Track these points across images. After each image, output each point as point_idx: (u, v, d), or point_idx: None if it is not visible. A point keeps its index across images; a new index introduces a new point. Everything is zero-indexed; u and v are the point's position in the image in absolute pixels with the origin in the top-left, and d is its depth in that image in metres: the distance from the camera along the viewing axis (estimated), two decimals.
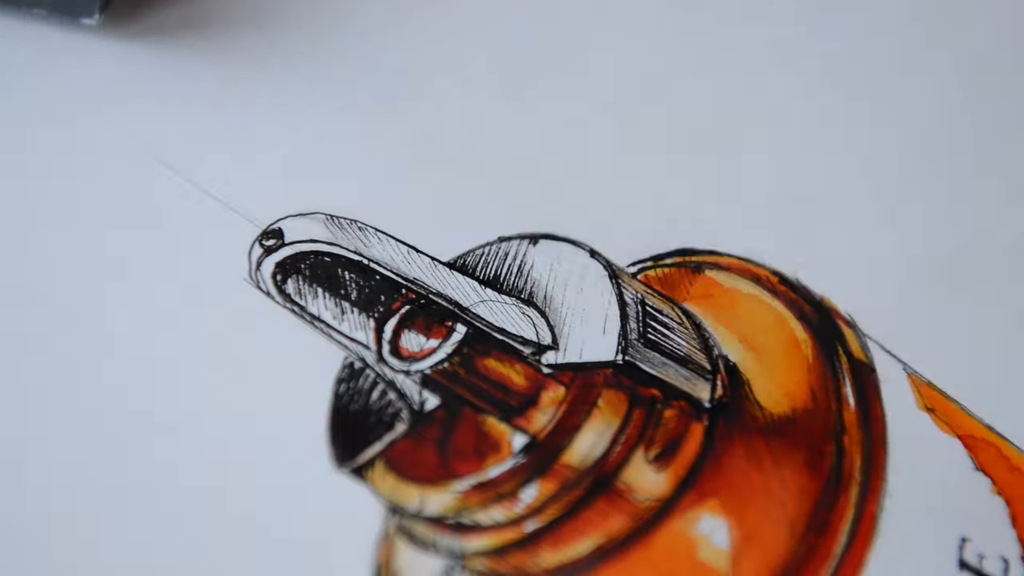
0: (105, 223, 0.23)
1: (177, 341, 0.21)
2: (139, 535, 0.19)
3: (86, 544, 0.19)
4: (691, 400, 0.21)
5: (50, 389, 0.21)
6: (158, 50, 0.25)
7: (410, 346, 0.21)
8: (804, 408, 0.21)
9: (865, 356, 0.22)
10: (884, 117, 0.26)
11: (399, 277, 0.22)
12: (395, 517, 0.20)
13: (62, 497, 0.20)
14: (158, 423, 0.20)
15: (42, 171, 0.24)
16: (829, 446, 0.21)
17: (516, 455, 0.20)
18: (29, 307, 0.22)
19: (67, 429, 0.20)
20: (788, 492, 0.20)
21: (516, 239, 0.23)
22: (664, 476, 0.20)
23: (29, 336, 0.21)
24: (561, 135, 0.25)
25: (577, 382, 0.21)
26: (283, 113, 0.25)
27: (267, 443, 0.20)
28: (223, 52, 0.25)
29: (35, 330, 0.21)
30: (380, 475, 0.20)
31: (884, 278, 0.23)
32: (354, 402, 0.21)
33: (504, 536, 0.19)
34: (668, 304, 0.23)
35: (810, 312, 0.23)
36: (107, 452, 0.20)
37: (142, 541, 0.19)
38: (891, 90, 0.27)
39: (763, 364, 0.22)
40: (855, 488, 0.20)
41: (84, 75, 0.25)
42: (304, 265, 0.22)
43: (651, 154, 0.25)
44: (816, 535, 0.20)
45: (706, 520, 0.20)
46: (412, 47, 0.26)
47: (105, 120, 0.24)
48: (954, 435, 0.21)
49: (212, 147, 0.24)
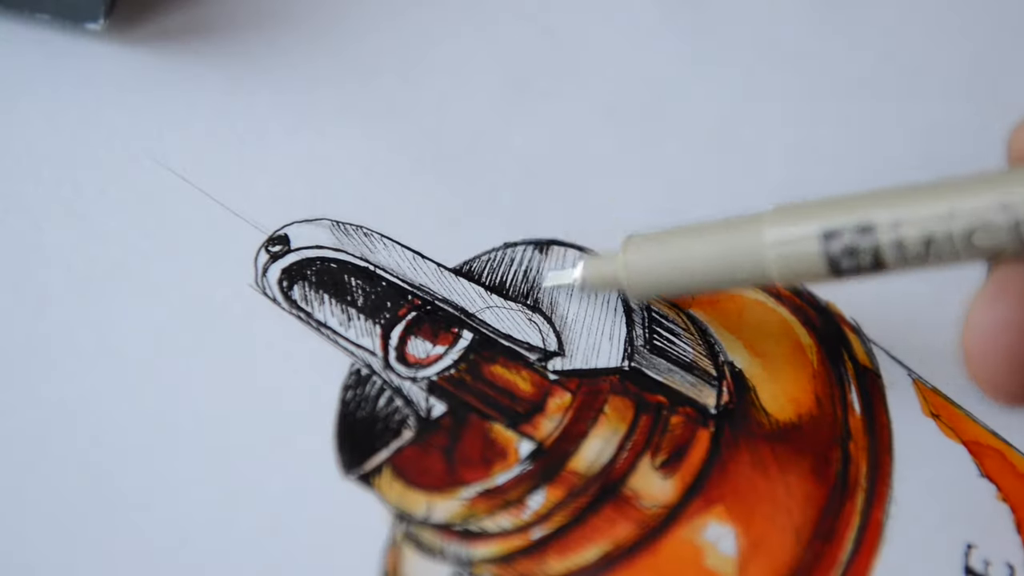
0: (109, 229, 0.23)
1: (182, 348, 0.21)
2: (142, 544, 0.19)
3: (86, 552, 0.19)
4: (697, 406, 0.21)
5: (50, 394, 0.20)
6: (163, 55, 0.25)
7: (416, 352, 0.21)
8: (810, 414, 0.21)
9: (870, 362, 0.22)
10: (889, 116, 0.26)
11: (405, 283, 0.22)
12: (402, 524, 0.19)
13: (64, 504, 0.19)
14: (162, 430, 0.20)
15: (46, 177, 0.23)
16: (835, 452, 0.21)
17: (523, 462, 0.20)
18: (33, 312, 0.21)
19: (68, 434, 0.20)
20: (794, 499, 0.20)
21: (522, 245, 0.23)
22: (670, 483, 0.20)
23: (31, 341, 0.21)
24: (567, 139, 0.25)
25: (583, 388, 0.21)
26: (289, 118, 0.25)
27: (273, 450, 0.20)
28: (228, 57, 0.25)
29: (37, 335, 0.21)
30: (387, 482, 0.20)
31: (889, 284, 0.22)
32: (361, 409, 0.21)
33: (511, 543, 0.19)
34: (674, 310, 0.22)
35: (815, 318, 0.23)
36: (108, 460, 0.20)
37: (145, 551, 0.19)
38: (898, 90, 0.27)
39: (768, 370, 0.22)
40: (861, 495, 0.20)
41: (88, 80, 0.25)
42: (310, 271, 0.22)
43: (657, 157, 0.25)
44: (822, 542, 0.20)
45: (713, 527, 0.20)
46: (416, 50, 0.26)
47: (110, 125, 0.24)
48: (959, 441, 0.21)
49: (217, 152, 0.24)
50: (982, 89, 0.27)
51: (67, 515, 0.19)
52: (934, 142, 0.26)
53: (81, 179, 0.23)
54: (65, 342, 0.21)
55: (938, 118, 0.27)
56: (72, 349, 0.21)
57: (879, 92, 0.27)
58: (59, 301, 0.22)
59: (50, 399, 0.20)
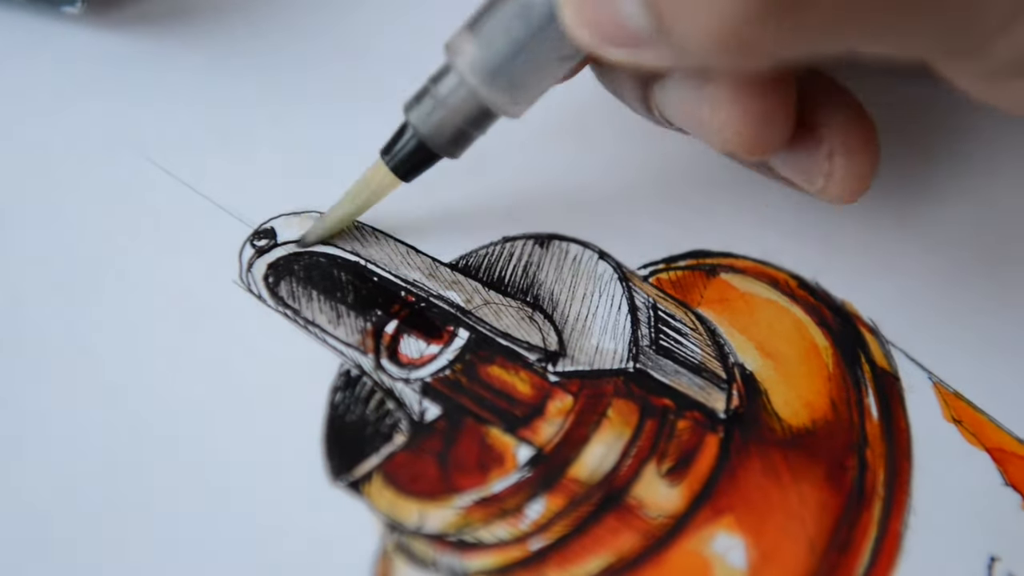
0: (86, 221, 0.22)
1: (161, 348, 0.21)
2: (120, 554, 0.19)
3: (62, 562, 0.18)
4: (705, 411, 0.21)
5: (23, 397, 0.20)
6: (143, 40, 0.25)
7: (409, 352, 0.21)
8: (824, 419, 0.21)
9: (889, 364, 0.22)
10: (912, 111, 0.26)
11: (398, 279, 0.22)
12: (393, 534, 0.19)
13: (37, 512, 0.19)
14: (140, 434, 0.20)
15: (21, 167, 0.23)
16: (851, 460, 0.20)
17: (521, 469, 0.20)
18: (5, 311, 0.21)
19: (42, 439, 0.20)
20: (807, 508, 0.20)
21: (521, 239, 0.23)
22: (677, 491, 0.20)
23: (2, 341, 0.21)
24: (568, 129, 0.25)
25: (585, 391, 0.21)
26: (274, 106, 0.25)
27: (258, 456, 0.20)
28: (211, 41, 0.25)
29: (10, 335, 0.21)
30: (377, 490, 0.19)
31: (909, 281, 0.23)
32: (350, 412, 0.20)
33: (508, 555, 0.19)
34: (681, 309, 0.22)
35: (831, 318, 0.22)
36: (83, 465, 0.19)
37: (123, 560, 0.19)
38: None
39: (781, 373, 0.21)
40: (878, 504, 0.20)
41: (65, 66, 0.25)
42: (298, 266, 0.22)
43: (663, 150, 0.25)
44: (837, 554, 0.19)
45: (721, 538, 0.19)
46: (406, 38, 0.26)
47: (86, 113, 0.24)
48: (982, 448, 0.21)
49: (200, 142, 0.24)
50: None
51: (40, 525, 0.19)
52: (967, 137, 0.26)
53: (55, 169, 0.23)
54: (38, 342, 0.21)
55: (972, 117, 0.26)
56: (45, 349, 0.21)
57: None
58: (31, 298, 0.21)
59: (23, 401, 0.20)
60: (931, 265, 0.23)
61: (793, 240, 0.23)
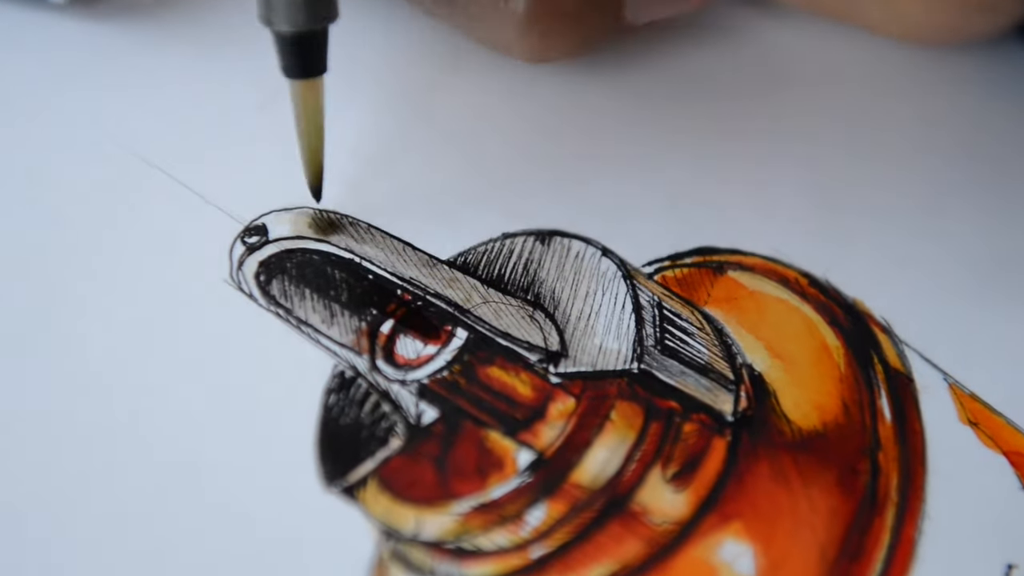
0: (71, 216, 0.22)
1: (149, 349, 0.21)
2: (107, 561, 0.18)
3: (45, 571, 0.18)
4: (712, 413, 0.21)
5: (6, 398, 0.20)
6: (131, 31, 0.25)
7: (406, 353, 0.21)
8: (835, 422, 0.21)
9: (902, 365, 0.22)
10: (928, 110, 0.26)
11: (394, 276, 0.22)
12: (389, 542, 0.19)
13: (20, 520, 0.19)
14: (126, 436, 0.19)
15: (5, 162, 0.23)
16: (863, 464, 0.20)
17: (521, 473, 0.19)
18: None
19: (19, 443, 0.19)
20: (818, 514, 0.19)
21: (522, 235, 0.23)
22: (683, 497, 0.19)
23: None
24: (570, 122, 0.25)
25: (588, 393, 0.20)
26: (267, 97, 0.24)
27: (249, 460, 0.19)
28: (200, 31, 0.25)
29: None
30: (373, 495, 0.19)
31: (923, 279, 0.23)
32: (345, 415, 0.20)
33: (508, 563, 0.19)
34: (687, 308, 0.22)
35: (842, 317, 0.22)
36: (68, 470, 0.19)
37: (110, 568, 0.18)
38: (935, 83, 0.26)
39: (791, 374, 0.21)
40: (891, 510, 0.20)
41: (51, 58, 0.24)
42: (290, 264, 0.22)
43: (669, 143, 0.25)
44: (849, 561, 0.19)
45: (729, 545, 0.19)
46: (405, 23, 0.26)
47: (72, 105, 0.24)
48: (999, 451, 0.21)
49: (188, 135, 0.24)
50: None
51: (23, 533, 0.18)
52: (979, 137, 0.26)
53: (39, 163, 0.23)
54: (20, 341, 0.21)
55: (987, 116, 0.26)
56: (27, 348, 0.20)
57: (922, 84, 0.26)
58: (13, 295, 0.21)
59: (6, 402, 0.20)
60: (946, 262, 0.23)
61: (803, 237, 0.23)
